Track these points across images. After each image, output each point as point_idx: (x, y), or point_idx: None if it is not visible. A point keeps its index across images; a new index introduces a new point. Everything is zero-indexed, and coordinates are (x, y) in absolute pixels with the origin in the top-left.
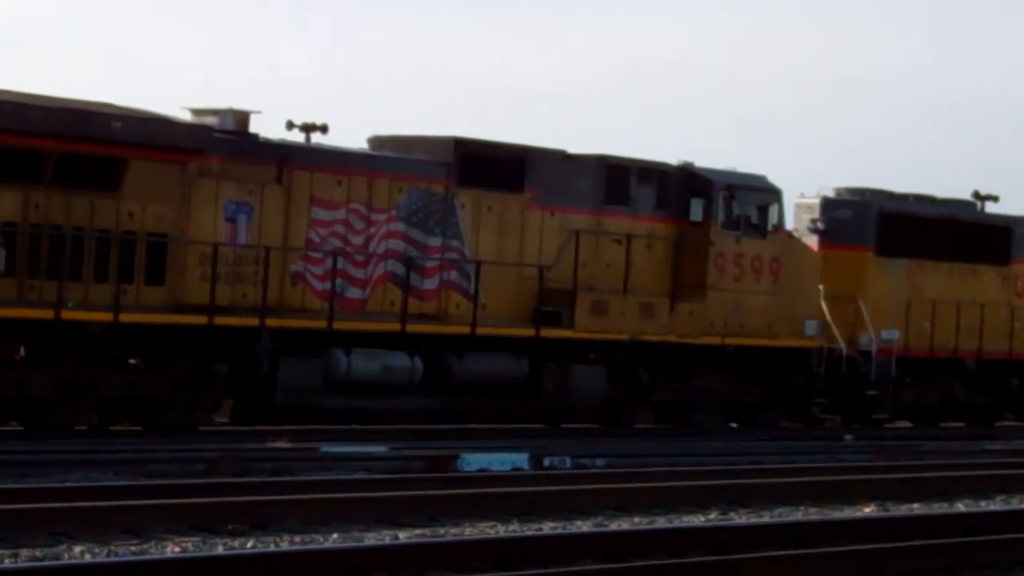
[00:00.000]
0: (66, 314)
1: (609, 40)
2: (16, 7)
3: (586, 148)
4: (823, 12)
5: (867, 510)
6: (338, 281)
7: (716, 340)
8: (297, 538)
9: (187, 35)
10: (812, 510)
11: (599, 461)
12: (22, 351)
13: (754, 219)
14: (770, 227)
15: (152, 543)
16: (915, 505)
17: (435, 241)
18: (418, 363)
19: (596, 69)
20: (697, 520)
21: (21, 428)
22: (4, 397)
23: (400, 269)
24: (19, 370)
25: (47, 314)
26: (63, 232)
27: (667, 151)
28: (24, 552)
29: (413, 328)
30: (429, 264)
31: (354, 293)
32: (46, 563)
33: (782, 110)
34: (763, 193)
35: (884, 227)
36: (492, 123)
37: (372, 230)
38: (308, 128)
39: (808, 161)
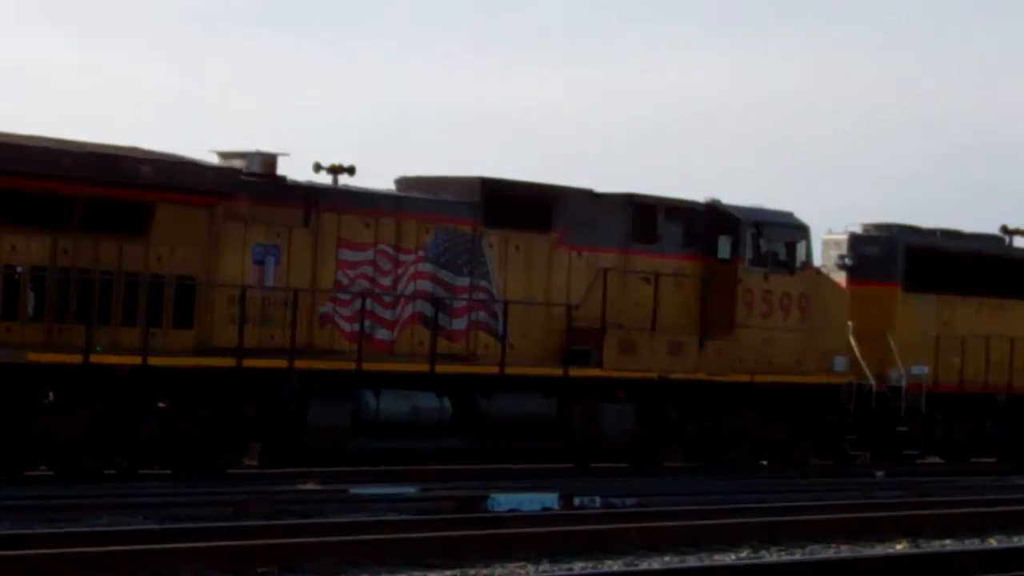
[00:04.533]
0: (95, 358)
1: (635, 79)
2: (45, 53)
3: (613, 187)
4: (853, 49)
5: (899, 547)
6: (366, 322)
7: (745, 377)
8: None
9: (214, 79)
10: (844, 547)
11: (629, 500)
12: (51, 395)
13: (782, 256)
14: (798, 264)
15: None
16: (947, 541)
17: (463, 281)
18: (447, 404)
19: (623, 108)
20: (728, 559)
21: (50, 472)
22: (33, 441)
23: (428, 310)
24: (48, 414)
25: (76, 358)
26: (91, 276)
27: (694, 188)
28: None
29: (442, 369)
30: (457, 304)
31: (383, 334)
32: None
33: (810, 147)
34: (790, 230)
35: (912, 263)
36: (518, 163)
37: (400, 271)
38: (335, 170)
39: (835, 197)
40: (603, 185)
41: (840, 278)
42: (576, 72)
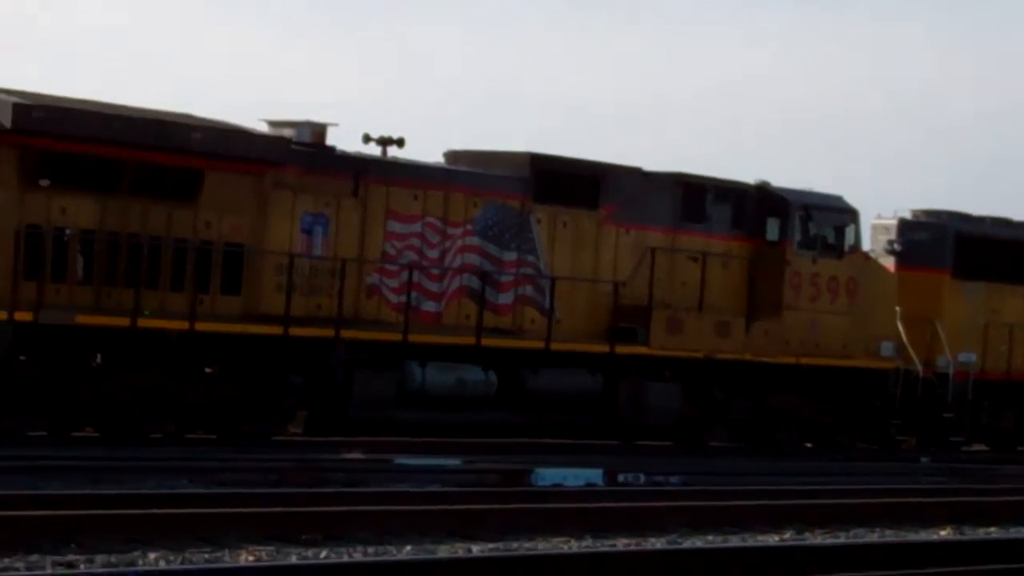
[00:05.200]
0: (143, 322)
1: (686, 57)
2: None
3: (662, 166)
4: (903, 28)
5: (943, 533)
6: (413, 294)
7: (791, 360)
8: (370, 549)
9: (267, 48)
10: (888, 532)
11: (674, 479)
12: (99, 358)
13: (830, 239)
14: (846, 247)
15: (226, 551)
16: (991, 529)
17: (510, 256)
18: (492, 377)
19: (674, 86)
20: (771, 540)
21: (98, 435)
22: (81, 403)
23: (475, 283)
24: (96, 377)
25: (124, 322)
26: (140, 241)
27: (743, 170)
28: (99, 558)
29: (488, 342)
30: (504, 279)
31: (429, 306)
32: (120, 569)
33: (860, 129)
34: (840, 213)
35: (961, 250)
36: (568, 139)
37: (448, 244)
38: (385, 141)
39: (885, 181)
40: (652, 164)
41: (888, 263)
42: (624, 48)
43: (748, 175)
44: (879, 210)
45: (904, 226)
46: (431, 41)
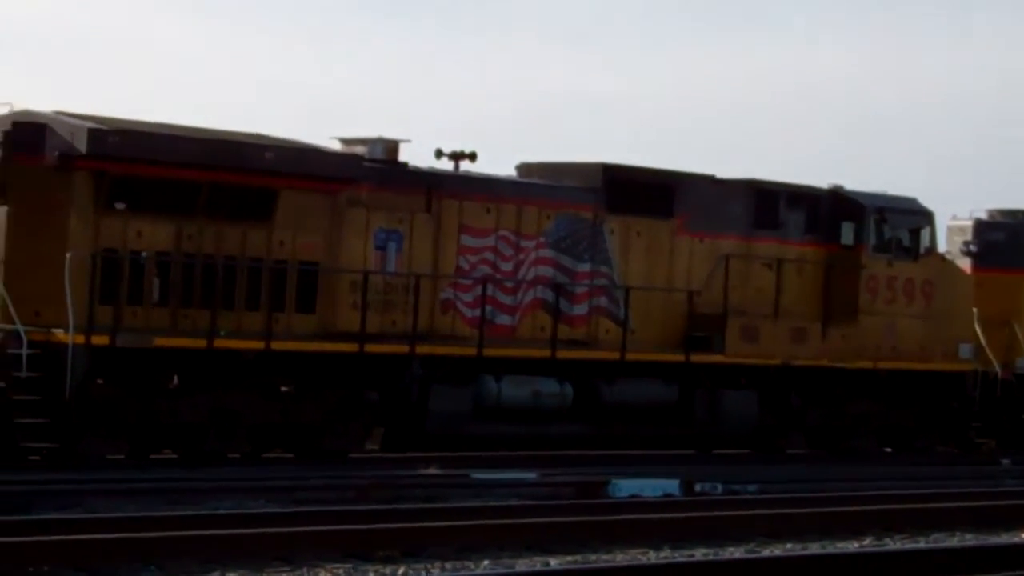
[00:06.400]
0: (219, 343)
1: (756, 62)
2: (192, 41)
3: (734, 172)
4: (979, 31)
5: None
6: (488, 308)
7: (868, 364)
8: (448, 565)
9: (336, 66)
10: (968, 536)
11: (751, 487)
12: (176, 379)
13: (906, 242)
14: (922, 250)
15: (304, 570)
16: None
17: (584, 267)
18: (568, 389)
19: (745, 91)
20: (851, 546)
21: (175, 456)
22: (159, 425)
23: (549, 295)
24: (173, 398)
25: (200, 343)
26: (215, 261)
27: (816, 174)
28: None
29: (563, 354)
30: (578, 290)
31: (504, 320)
32: None
33: (934, 131)
34: (915, 216)
35: None
36: (639, 149)
37: (521, 257)
38: (457, 156)
39: (960, 183)
40: (723, 170)
41: (965, 264)
42: (691, 56)
43: (821, 179)
44: (954, 211)
45: (980, 227)
46: (503, 53)
